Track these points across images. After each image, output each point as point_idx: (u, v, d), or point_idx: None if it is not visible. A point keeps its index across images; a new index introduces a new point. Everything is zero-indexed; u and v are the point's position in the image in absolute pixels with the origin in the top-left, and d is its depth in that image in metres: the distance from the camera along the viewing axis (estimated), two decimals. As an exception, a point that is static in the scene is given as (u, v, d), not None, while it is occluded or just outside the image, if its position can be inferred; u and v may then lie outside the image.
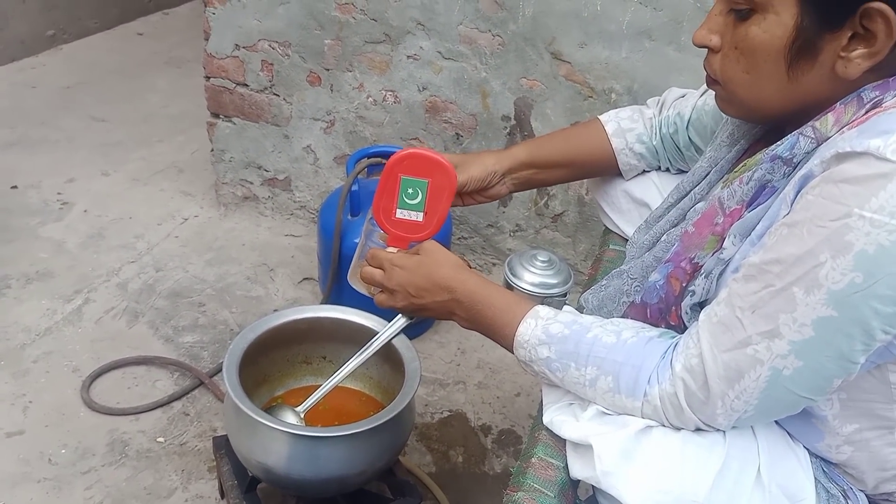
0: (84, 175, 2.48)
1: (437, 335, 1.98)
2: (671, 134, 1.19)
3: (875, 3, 0.73)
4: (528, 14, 1.82)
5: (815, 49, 0.78)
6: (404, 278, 1.04)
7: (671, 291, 0.89)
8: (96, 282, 2.03)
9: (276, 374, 1.48)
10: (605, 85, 1.84)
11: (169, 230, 2.26)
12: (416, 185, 1.08)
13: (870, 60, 0.76)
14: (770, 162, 0.82)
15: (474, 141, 2.03)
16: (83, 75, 3.12)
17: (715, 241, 0.85)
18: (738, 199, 0.84)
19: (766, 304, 0.75)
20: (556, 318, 0.91)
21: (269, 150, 2.24)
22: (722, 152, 0.99)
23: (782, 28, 0.78)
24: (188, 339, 1.88)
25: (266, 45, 2.08)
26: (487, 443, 1.72)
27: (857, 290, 0.71)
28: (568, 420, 0.88)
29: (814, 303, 0.73)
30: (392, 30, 1.95)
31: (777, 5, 0.78)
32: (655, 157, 1.22)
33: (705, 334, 0.80)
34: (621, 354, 0.85)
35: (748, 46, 0.81)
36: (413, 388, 1.28)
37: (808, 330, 0.74)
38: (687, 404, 0.81)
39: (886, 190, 0.68)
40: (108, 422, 1.64)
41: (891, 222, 0.68)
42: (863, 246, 0.69)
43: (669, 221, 1.02)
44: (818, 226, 0.72)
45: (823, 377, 0.77)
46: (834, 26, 0.76)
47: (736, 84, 0.85)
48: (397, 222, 1.10)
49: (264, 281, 2.10)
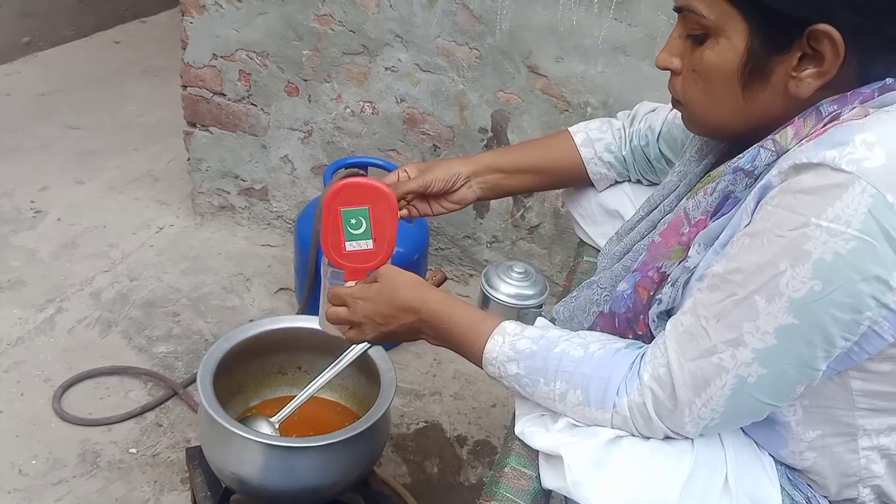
0: (58, 183, 2.46)
1: (414, 346, 1.98)
2: (642, 146, 1.21)
3: (819, 25, 0.75)
4: (505, 28, 1.84)
5: (767, 70, 0.80)
6: (368, 309, 1.04)
7: (639, 300, 0.91)
8: (69, 291, 2.01)
9: (251, 384, 1.48)
10: (581, 99, 1.86)
11: (144, 239, 2.25)
12: (358, 214, 1.06)
13: (820, 79, 0.78)
14: (732, 174, 0.84)
15: (452, 152, 2.04)
16: (59, 83, 3.10)
17: (681, 251, 0.87)
18: (702, 210, 0.86)
19: (730, 313, 0.77)
20: (523, 333, 0.92)
21: (247, 160, 2.24)
22: (691, 167, 1.01)
23: (734, 52, 0.81)
24: (162, 349, 1.86)
25: (244, 54, 2.08)
26: (463, 453, 1.72)
27: (816, 297, 0.73)
28: (539, 431, 0.88)
29: (775, 311, 0.74)
30: (370, 41, 1.96)
31: (728, 30, 0.80)
32: (625, 167, 1.24)
33: (672, 343, 0.81)
34: (589, 367, 0.86)
35: (704, 69, 0.84)
36: (388, 399, 1.29)
37: (770, 338, 0.75)
38: (655, 413, 0.82)
39: (842, 199, 0.70)
40: (79, 432, 1.63)
41: (847, 231, 0.70)
42: (821, 254, 0.71)
43: (640, 233, 1.03)
44: (777, 235, 0.73)
45: (786, 384, 0.79)
46: (782, 49, 0.78)
47: (696, 105, 0.88)
48: (349, 255, 1.08)
49: (240, 291, 2.10)
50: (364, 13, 1.93)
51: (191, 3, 2.04)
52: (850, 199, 0.70)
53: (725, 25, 0.80)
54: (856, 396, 0.83)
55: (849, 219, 0.70)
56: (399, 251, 1.82)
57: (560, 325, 1.07)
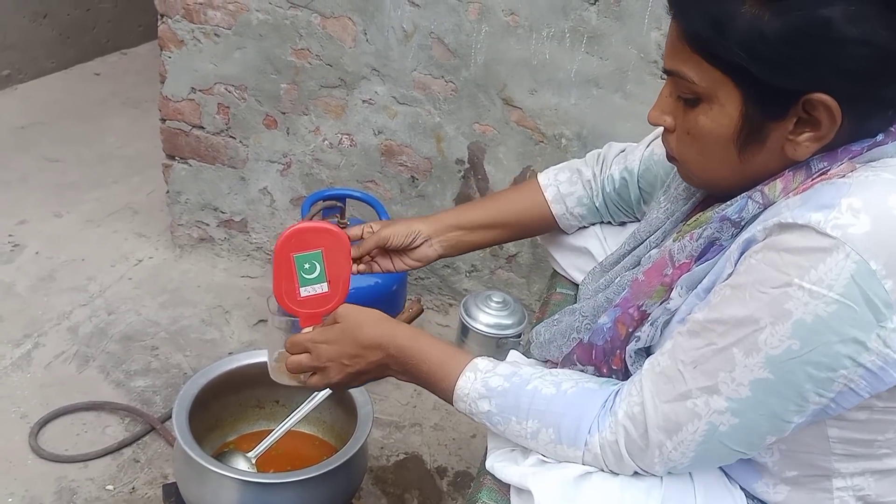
0: (36, 216, 2.45)
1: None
2: (618, 191, 1.21)
3: (815, 94, 0.75)
4: (480, 62, 1.87)
5: (763, 135, 0.81)
6: (333, 352, 1.01)
7: (617, 336, 0.92)
8: (46, 325, 2.00)
9: (229, 418, 1.48)
10: (556, 130, 1.89)
11: (122, 272, 2.25)
12: (311, 258, 1.05)
13: (818, 143, 0.79)
14: (719, 222, 0.85)
15: (430, 184, 2.06)
16: (38, 115, 3.10)
17: (663, 291, 0.89)
18: (687, 254, 0.87)
19: (707, 361, 0.78)
20: (495, 370, 0.92)
21: (226, 192, 2.25)
22: (678, 205, 1.01)
23: (728, 118, 0.81)
24: (140, 384, 1.86)
25: (222, 88, 2.10)
26: (443, 485, 1.72)
27: (793, 356, 0.74)
28: (509, 465, 0.89)
29: (752, 364, 0.76)
30: (347, 75, 1.98)
31: (721, 97, 0.80)
32: (597, 216, 1.25)
33: (648, 383, 0.82)
34: (561, 405, 0.86)
35: (698, 133, 0.84)
36: (365, 432, 1.29)
37: (745, 390, 0.77)
38: (627, 451, 0.83)
39: (826, 263, 0.71)
40: (56, 469, 1.61)
41: (828, 294, 0.71)
42: (801, 315, 0.73)
43: (624, 266, 1.04)
44: (760, 291, 0.75)
45: (757, 434, 0.80)
46: (778, 116, 0.79)
47: (692, 164, 0.89)
48: (304, 301, 1.06)
49: (219, 323, 2.10)
50: (341, 47, 1.95)
51: (169, 38, 2.06)
52: (834, 263, 0.71)
53: (718, 92, 0.80)
54: (832, 443, 0.84)
55: (831, 283, 0.71)
56: (378, 282, 1.84)
57: (538, 347, 1.07)
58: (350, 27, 1.92)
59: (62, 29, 3.46)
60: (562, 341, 1.03)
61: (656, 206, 1.06)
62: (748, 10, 0.75)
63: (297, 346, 1.05)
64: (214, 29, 2.02)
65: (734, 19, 0.76)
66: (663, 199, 1.05)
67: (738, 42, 0.76)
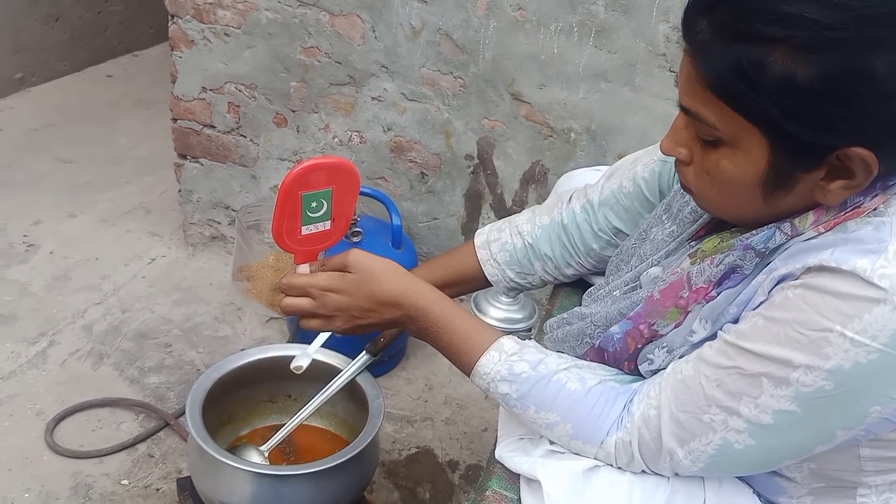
0: (50, 217, 2.48)
1: (405, 371, 2.00)
2: (578, 222, 1.15)
3: (851, 148, 0.70)
4: (488, 57, 1.87)
5: (792, 182, 0.75)
6: (343, 302, 0.96)
7: (626, 348, 0.90)
8: (61, 324, 2.02)
9: (241, 413, 1.48)
10: (565, 125, 1.89)
11: (136, 271, 2.27)
12: (320, 197, 0.98)
13: (850, 191, 0.74)
14: (743, 250, 0.81)
15: (439, 180, 2.06)
16: (51, 118, 3.13)
17: (677, 313, 0.86)
18: (705, 279, 0.84)
19: (733, 383, 0.76)
20: (522, 355, 0.90)
21: (237, 191, 2.26)
22: (685, 227, 0.97)
23: (753, 166, 0.75)
24: (154, 381, 1.87)
25: (233, 87, 2.11)
26: (455, 479, 1.72)
27: (824, 395, 0.72)
28: (519, 455, 0.89)
29: (779, 395, 0.74)
30: (356, 72, 1.99)
31: (746, 144, 0.74)
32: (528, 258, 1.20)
33: (667, 389, 0.81)
34: (586, 405, 0.85)
35: (720, 176, 0.78)
36: (376, 425, 1.30)
37: (767, 417, 0.75)
38: (639, 453, 0.83)
39: (872, 314, 0.68)
40: (71, 465, 1.63)
41: (871, 344, 0.69)
42: (840, 361, 0.70)
43: (625, 282, 1.01)
44: (798, 332, 0.72)
45: (774, 457, 0.79)
46: (809, 166, 0.73)
47: (711, 202, 0.83)
48: (304, 239, 1.00)
49: (232, 321, 2.11)
50: (350, 45, 1.96)
51: (180, 38, 2.08)
52: (881, 314, 0.68)
53: (742, 139, 0.74)
54: (863, 461, 0.82)
55: (875, 333, 0.69)
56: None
57: (552, 342, 1.05)
58: (358, 24, 1.93)
59: (74, 32, 3.49)
60: (574, 343, 1.02)
61: (658, 223, 1.02)
62: (780, 61, 0.68)
63: (295, 288, 0.98)
64: (224, 28, 2.04)
65: (765, 69, 0.68)
66: (665, 216, 1.01)
67: (769, 94, 0.69)
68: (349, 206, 1.03)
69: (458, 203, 2.09)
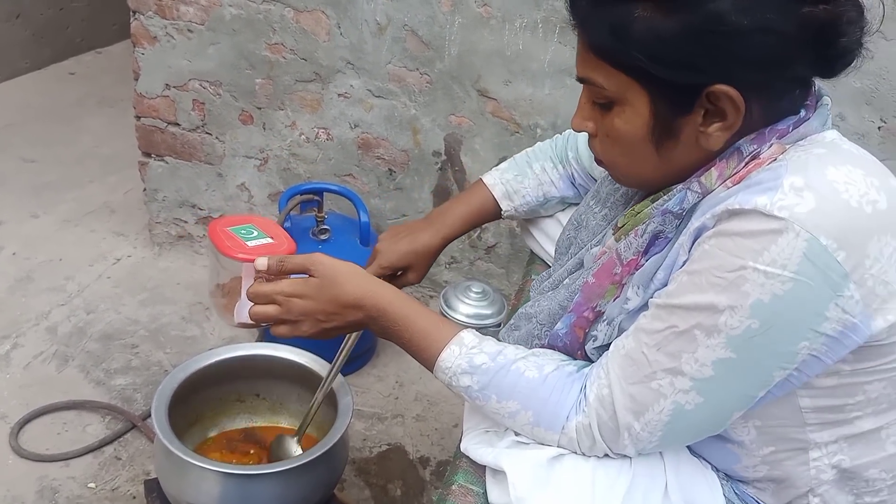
0: (13, 218, 2.44)
1: (375, 369, 1.99)
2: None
3: (716, 86, 0.78)
4: (454, 53, 1.87)
5: (676, 130, 0.83)
6: (308, 307, 0.97)
7: (575, 339, 0.93)
8: (25, 326, 1.99)
9: (210, 413, 1.47)
10: (531, 120, 1.90)
11: (100, 271, 2.24)
12: (245, 227, 1.09)
13: (728, 132, 0.81)
14: (662, 216, 0.86)
15: (407, 176, 2.06)
16: (13, 116, 3.07)
17: (614, 289, 0.90)
18: (633, 251, 0.88)
19: (670, 343, 0.80)
20: (481, 347, 0.92)
21: (203, 189, 2.24)
22: (617, 210, 1.03)
23: (640, 117, 0.83)
24: (120, 382, 1.85)
25: (197, 84, 2.09)
26: (426, 475, 1.73)
27: (753, 334, 0.76)
28: (484, 447, 0.90)
29: (714, 345, 0.77)
30: (322, 69, 1.98)
31: (631, 98, 0.83)
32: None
33: (614, 366, 0.84)
34: (544, 391, 0.87)
35: (616, 135, 0.87)
36: (345, 423, 1.30)
37: (708, 370, 0.78)
38: (600, 434, 0.84)
39: (777, 244, 0.73)
40: (37, 469, 1.61)
41: (783, 273, 0.73)
42: (759, 296, 0.74)
43: (567, 270, 1.04)
44: (716, 276, 0.76)
45: (723, 411, 0.82)
46: (685, 110, 0.81)
47: (616, 166, 0.92)
48: (255, 249, 1.05)
49: (199, 320, 2.09)
50: (315, 41, 1.95)
51: (142, 35, 2.05)
52: (786, 243, 0.73)
53: (627, 94, 0.83)
54: (805, 413, 0.85)
55: (785, 262, 0.73)
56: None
57: None
58: (323, 21, 1.92)
59: (36, 29, 3.43)
60: (525, 346, 1.03)
61: (589, 211, 1.07)
62: (642, 14, 0.78)
63: (262, 296, 0.99)
64: (188, 25, 2.02)
65: (630, 24, 0.78)
66: (594, 203, 1.07)
67: (637, 46, 0.78)
68: (282, 231, 1.12)
69: (427, 200, 2.09)
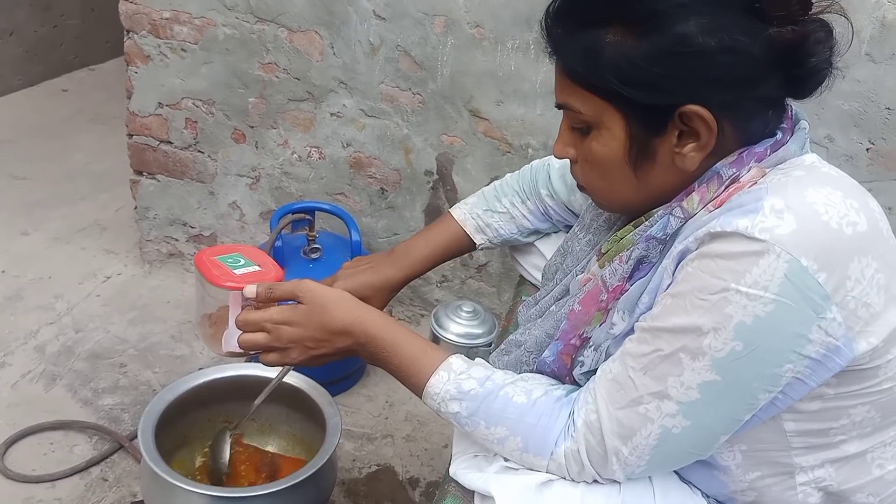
0: (3, 235, 2.42)
1: (365, 389, 1.98)
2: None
3: (686, 106, 0.79)
4: (447, 74, 1.88)
5: (651, 151, 0.84)
6: (296, 334, 0.97)
7: (563, 365, 0.93)
8: (13, 345, 1.97)
9: (197, 434, 1.46)
10: (522, 141, 1.91)
11: (90, 289, 2.22)
12: (232, 255, 1.08)
13: (702, 152, 0.82)
14: (646, 242, 0.87)
15: (399, 195, 2.06)
16: (5, 133, 3.07)
17: (601, 315, 0.90)
18: (619, 277, 0.89)
19: (656, 367, 0.80)
20: (470, 372, 0.91)
21: (195, 207, 2.24)
22: (600, 235, 1.04)
23: (616, 140, 0.85)
24: (108, 402, 1.84)
25: (190, 103, 2.09)
26: (416, 496, 1.71)
27: (737, 357, 0.76)
28: (472, 472, 0.89)
29: (699, 368, 0.78)
30: (315, 88, 1.99)
31: (607, 121, 0.84)
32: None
33: (601, 390, 0.84)
34: (532, 416, 0.86)
35: (595, 159, 0.88)
36: (333, 443, 1.29)
37: (693, 393, 0.79)
38: (588, 460, 0.84)
39: (759, 266, 0.74)
40: (23, 490, 1.59)
41: (765, 295, 0.74)
42: (741, 318, 0.75)
43: (553, 297, 1.05)
44: (700, 298, 0.77)
45: (710, 435, 0.82)
46: (659, 131, 0.83)
47: (597, 190, 0.93)
48: (241, 277, 1.04)
49: (189, 339, 2.08)
50: (308, 61, 1.96)
51: (135, 54, 2.06)
52: (767, 265, 0.73)
53: (603, 118, 0.84)
54: (790, 437, 0.85)
55: (766, 284, 0.74)
56: (347, 294, 1.84)
57: None
58: (317, 41, 1.93)
59: (28, 46, 3.43)
60: (514, 371, 1.03)
61: (573, 238, 1.08)
62: (613, 38, 0.80)
63: (250, 324, 0.98)
64: (181, 44, 2.02)
65: (602, 49, 0.80)
66: (578, 230, 1.08)
67: (609, 69, 0.80)
68: (269, 259, 1.10)
69: (419, 219, 2.09)
